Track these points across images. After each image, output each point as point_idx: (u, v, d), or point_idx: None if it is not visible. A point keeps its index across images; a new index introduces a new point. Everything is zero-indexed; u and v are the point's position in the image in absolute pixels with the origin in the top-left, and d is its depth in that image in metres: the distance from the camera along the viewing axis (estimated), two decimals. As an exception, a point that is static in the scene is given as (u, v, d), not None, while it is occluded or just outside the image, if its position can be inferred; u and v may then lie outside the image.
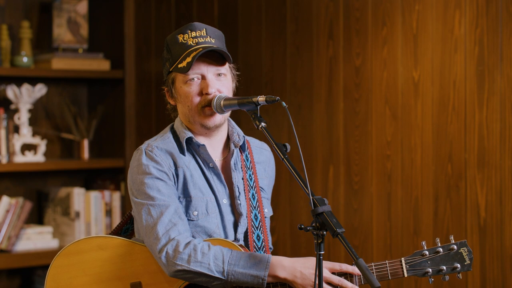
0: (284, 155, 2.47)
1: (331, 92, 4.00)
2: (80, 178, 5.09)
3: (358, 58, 3.89)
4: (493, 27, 3.40)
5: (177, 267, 2.50)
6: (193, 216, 2.63)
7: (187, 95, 2.64)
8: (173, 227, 2.54)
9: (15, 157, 4.63)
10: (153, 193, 2.59)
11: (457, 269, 2.62)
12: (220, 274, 2.50)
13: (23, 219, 4.64)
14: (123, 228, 2.81)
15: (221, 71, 2.65)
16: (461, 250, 2.63)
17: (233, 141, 2.72)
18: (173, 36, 2.67)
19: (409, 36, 3.68)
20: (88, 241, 2.67)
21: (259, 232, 2.70)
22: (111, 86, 5.03)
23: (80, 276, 2.64)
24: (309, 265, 2.51)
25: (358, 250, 3.87)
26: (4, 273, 4.80)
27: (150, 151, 2.64)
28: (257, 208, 2.71)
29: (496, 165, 3.41)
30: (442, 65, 3.57)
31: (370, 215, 3.85)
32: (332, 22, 4.00)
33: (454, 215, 3.55)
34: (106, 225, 4.89)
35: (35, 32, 4.91)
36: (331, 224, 2.29)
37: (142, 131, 4.94)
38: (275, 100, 2.48)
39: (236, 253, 2.52)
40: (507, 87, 3.37)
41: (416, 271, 2.60)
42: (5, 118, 4.61)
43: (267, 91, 4.25)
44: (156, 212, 2.57)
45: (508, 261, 3.40)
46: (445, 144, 3.58)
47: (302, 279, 2.50)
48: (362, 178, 3.87)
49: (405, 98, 3.71)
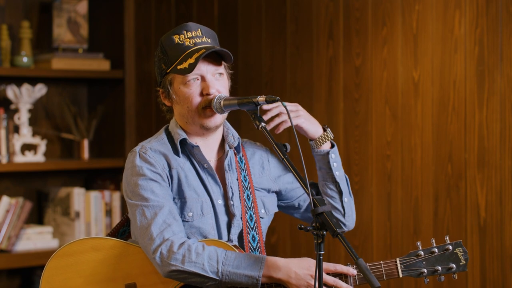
0: (284, 155, 2.47)
1: (331, 92, 4.00)
2: (80, 178, 5.09)
3: (358, 58, 3.89)
4: (493, 27, 3.40)
5: (172, 267, 2.50)
6: (188, 217, 2.62)
7: (187, 96, 2.63)
8: (167, 228, 2.54)
9: (15, 157, 4.63)
10: (147, 194, 2.59)
11: (452, 270, 2.61)
12: (215, 275, 2.50)
13: (23, 219, 4.64)
14: (119, 230, 2.80)
15: (220, 70, 2.66)
16: (457, 251, 2.62)
17: (228, 142, 2.72)
18: (168, 36, 2.66)
19: (409, 36, 3.68)
20: (82, 243, 2.67)
21: (254, 233, 2.70)
22: (111, 86, 5.03)
23: (74, 278, 2.64)
24: (304, 265, 2.51)
25: (358, 250, 3.87)
26: (4, 273, 4.80)
27: (144, 153, 2.64)
28: (252, 209, 2.71)
29: (496, 165, 3.41)
30: (442, 65, 3.57)
31: (370, 215, 3.85)
32: (332, 22, 4.00)
33: (454, 215, 3.55)
34: (106, 225, 4.89)
35: (35, 32, 4.91)
36: (331, 224, 2.29)
37: (142, 131, 4.94)
38: (275, 100, 2.48)
39: (231, 253, 2.52)
40: (507, 87, 3.37)
41: (411, 272, 2.60)
42: (5, 118, 4.61)
43: (267, 91, 4.25)
44: (150, 213, 2.56)
45: (508, 261, 3.40)
46: (445, 144, 3.58)
47: (296, 280, 2.50)
48: (362, 178, 3.87)
49: (405, 98, 3.72)
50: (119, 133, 4.98)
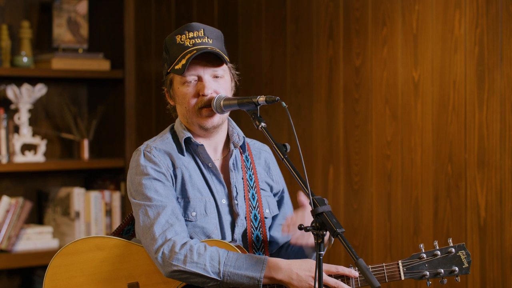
0: (284, 155, 2.47)
1: (331, 92, 4.00)
2: (80, 178, 5.09)
3: (358, 58, 3.89)
4: (493, 27, 3.40)
5: (173, 267, 2.50)
6: (191, 216, 2.63)
7: (184, 97, 2.64)
8: (170, 228, 2.54)
9: (15, 157, 4.63)
10: (150, 193, 2.59)
11: (455, 272, 2.59)
12: (216, 275, 2.50)
13: (23, 219, 4.64)
14: (124, 229, 2.81)
15: (218, 72, 2.65)
16: (459, 253, 2.60)
17: (233, 141, 2.72)
18: (171, 36, 2.67)
19: (409, 36, 3.68)
20: (86, 241, 2.68)
21: (258, 233, 2.70)
22: (111, 86, 5.03)
23: (78, 276, 2.65)
24: (306, 267, 2.51)
25: (358, 250, 3.87)
26: (4, 273, 4.80)
27: (148, 152, 2.64)
28: (256, 208, 2.71)
29: (496, 165, 3.41)
30: (442, 65, 3.57)
31: (370, 215, 3.85)
32: (332, 22, 4.00)
33: (454, 215, 3.55)
34: (106, 225, 4.89)
35: (35, 32, 4.91)
36: (331, 224, 2.28)
37: (142, 131, 4.94)
38: (275, 100, 2.47)
39: (233, 254, 2.52)
40: (507, 87, 3.37)
41: (414, 274, 2.59)
42: (5, 118, 4.61)
43: (267, 91, 4.25)
44: (153, 212, 2.57)
45: (508, 261, 3.40)
46: (445, 144, 3.58)
47: (298, 281, 2.50)
48: (362, 178, 3.87)
49: (405, 98, 3.71)
50: (119, 133, 4.98)
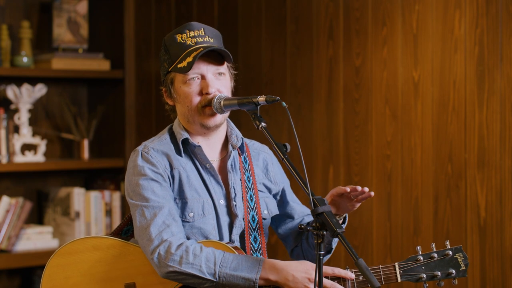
0: (284, 155, 2.46)
1: (331, 92, 4.00)
2: (80, 178, 5.09)
3: (358, 58, 3.89)
4: (493, 27, 3.40)
5: (169, 268, 2.50)
6: (189, 217, 2.62)
7: (187, 95, 2.63)
8: (166, 229, 2.54)
9: (15, 157, 4.63)
10: (147, 194, 2.59)
11: (452, 275, 2.57)
12: (212, 276, 2.49)
13: (23, 219, 4.64)
14: (123, 229, 2.81)
15: (221, 70, 2.65)
16: (457, 256, 2.58)
17: (231, 142, 2.72)
18: (171, 36, 2.67)
19: (409, 36, 3.68)
20: (83, 241, 2.68)
21: (256, 234, 2.69)
22: (111, 86, 5.03)
23: (75, 276, 2.65)
24: (302, 268, 2.50)
25: (358, 250, 3.87)
26: (4, 273, 4.80)
27: (146, 153, 2.64)
28: (254, 209, 2.70)
29: (496, 165, 3.41)
30: (442, 65, 3.57)
31: (370, 215, 3.85)
32: (332, 22, 4.00)
33: (454, 215, 3.55)
34: (106, 225, 4.89)
35: (35, 32, 4.91)
36: (331, 224, 2.28)
37: (142, 131, 4.94)
38: (275, 100, 2.47)
39: (229, 255, 2.52)
40: (507, 87, 3.37)
41: (410, 277, 2.58)
42: (5, 118, 4.61)
43: (267, 91, 4.25)
44: (149, 213, 2.56)
45: (508, 261, 3.40)
46: (445, 144, 3.58)
47: (294, 283, 2.49)
48: (362, 178, 3.87)
49: (405, 98, 3.71)
50: (119, 133, 4.98)
